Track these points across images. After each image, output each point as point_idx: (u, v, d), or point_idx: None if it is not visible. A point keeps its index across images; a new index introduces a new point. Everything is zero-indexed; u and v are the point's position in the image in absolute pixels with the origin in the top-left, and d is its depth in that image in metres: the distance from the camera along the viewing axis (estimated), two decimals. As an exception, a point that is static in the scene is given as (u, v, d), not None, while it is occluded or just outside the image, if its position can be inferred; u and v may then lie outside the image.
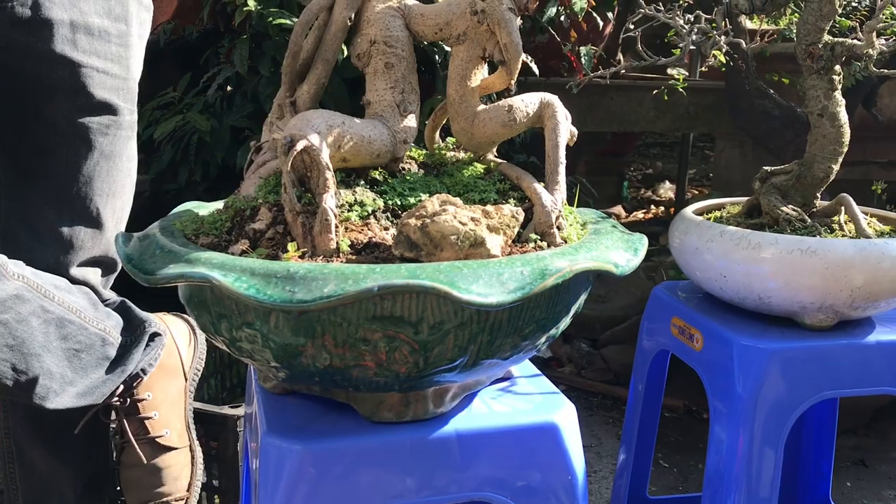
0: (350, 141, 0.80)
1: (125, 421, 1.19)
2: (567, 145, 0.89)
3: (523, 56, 0.88)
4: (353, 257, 0.74)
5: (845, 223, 1.15)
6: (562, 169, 0.86)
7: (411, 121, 0.87)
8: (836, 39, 1.13)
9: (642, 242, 0.84)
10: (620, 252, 0.80)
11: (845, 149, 1.16)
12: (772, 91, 2.18)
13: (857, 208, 1.14)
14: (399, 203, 0.83)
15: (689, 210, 1.26)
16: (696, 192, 5.54)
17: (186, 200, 2.05)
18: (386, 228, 0.81)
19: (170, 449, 1.19)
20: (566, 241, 0.83)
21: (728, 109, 2.44)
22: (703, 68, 1.11)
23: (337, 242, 0.75)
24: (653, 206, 5.37)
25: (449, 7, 0.86)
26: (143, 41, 1.20)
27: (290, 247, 0.74)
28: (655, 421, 1.39)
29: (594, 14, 1.95)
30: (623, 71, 1.17)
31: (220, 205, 0.94)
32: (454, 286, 0.65)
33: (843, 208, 1.15)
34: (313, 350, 0.71)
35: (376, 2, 0.87)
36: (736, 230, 1.10)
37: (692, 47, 1.11)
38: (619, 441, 2.07)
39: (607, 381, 2.43)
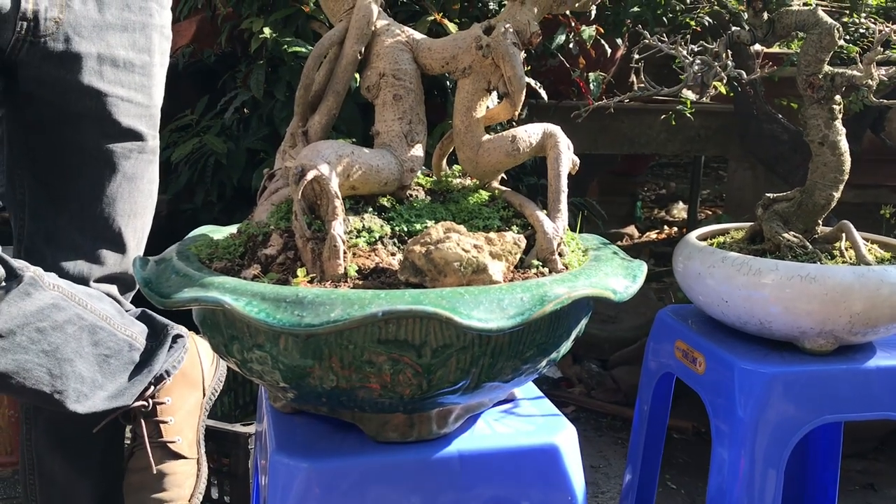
0: (359, 170, 0.83)
1: (142, 421, 1.22)
2: (569, 174, 0.92)
3: (531, 81, 0.91)
4: (361, 282, 0.77)
5: (846, 249, 1.17)
6: (563, 197, 0.89)
7: (418, 150, 0.90)
8: (835, 70, 1.15)
9: (641, 269, 0.87)
10: (619, 279, 0.82)
11: (846, 176, 1.18)
12: (780, 115, 2.20)
13: (857, 235, 1.16)
14: (406, 229, 0.86)
15: (692, 235, 1.28)
16: (709, 213, 5.54)
17: (202, 220, 2.10)
18: (393, 254, 0.84)
19: (179, 457, 1.22)
20: (567, 268, 0.85)
21: (737, 133, 2.46)
22: (706, 98, 1.14)
23: (345, 268, 0.78)
24: (666, 227, 5.38)
25: (455, 42, 0.90)
26: (164, 69, 1.24)
27: (300, 272, 0.77)
28: (661, 442, 1.40)
29: (602, 41, 1.98)
30: (628, 101, 1.19)
31: (233, 229, 0.98)
32: (456, 312, 0.68)
33: (844, 235, 1.17)
34: (320, 371, 0.74)
35: (385, 36, 0.90)
36: (737, 256, 1.12)
37: (695, 77, 1.14)
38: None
39: (617, 401, 2.44)
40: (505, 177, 1.02)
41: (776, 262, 1.09)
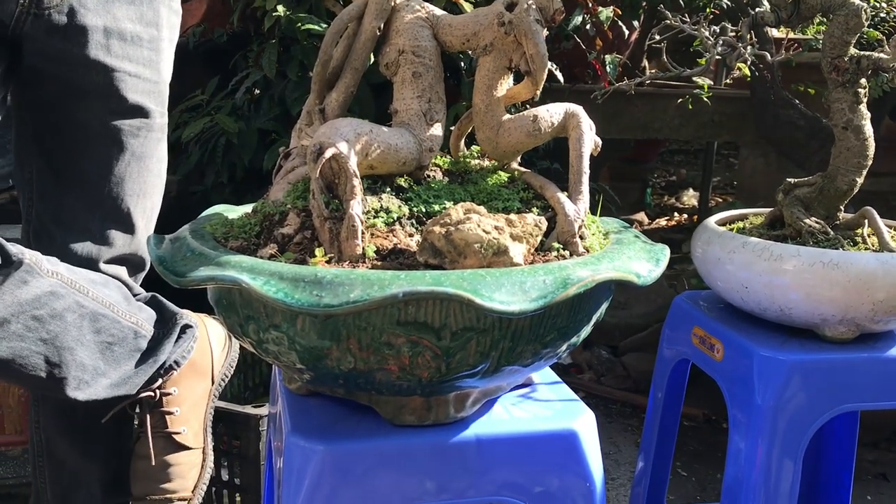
0: (377, 149, 0.81)
1: (147, 413, 1.21)
2: (591, 155, 0.91)
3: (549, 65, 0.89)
4: (379, 263, 0.76)
5: (868, 236, 1.15)
6: (585, 179, 0.87)
7: (437, 129, 0.88)
8: (862, 53, 1.13)
9: (664, 253, 0.85)
10: (643, 262, 0.81)
11: (870, 162, 1.16)
12: (797, 101, 2.17)
13: (880, 221, 1.14)
14: (424, 210, 0.84)
15: (711, 220, 1.26)
16: (720, 200, 5.51)
17: (213, 202, 2.08)
18: (411, 235, 0.82)
19: (183, 448, 1.21)
20: (588, 251, 0.84)
21: (753, 119, 2.43)
22: (727, 80, 1.11)
23: (363, 248, 0.77)
24: (676, 214, 5.36)
25: (476, 18, 0.88)
26: (173, 45, 1.22)
27: (318, 252, 0.75)
28: (674, 429, 1.39)
29: (619, 23, 1.96)
30: (648, 82, 1.17)
31: (248, 208, 0.96)
32: (477, 294, 0.67)
33: (866, 221, 1.15)
34: (338, 353, 0.73)
35: (405, 12, 0.88)
36: (758, 241, 1.11)
37: (717, 58, 1.11)
38: (637, 449, 2.07)
39: (627, 388, 2.43)
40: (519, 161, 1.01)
41: (798, 247, 1.07)
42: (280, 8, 1.65)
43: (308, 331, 0.72)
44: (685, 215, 5.32)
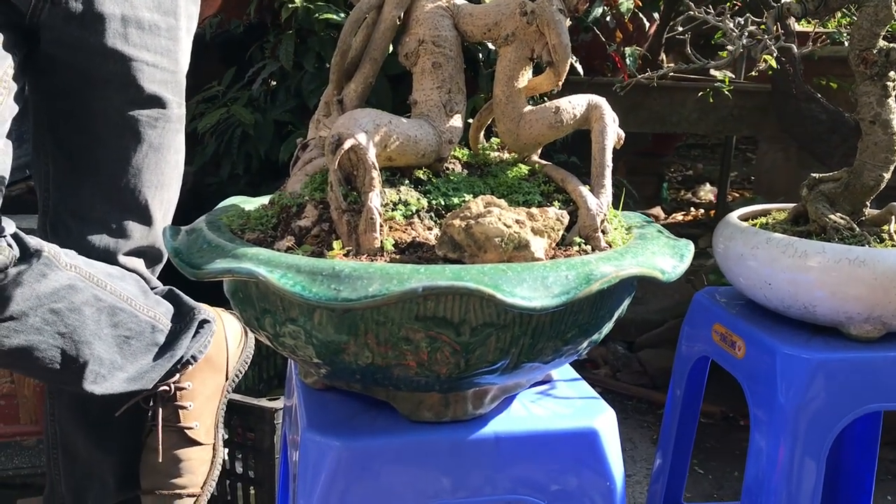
0: (396, 140, 0.80)
1: (160, 406, 1.21)
2: (614, 148, 0.89)
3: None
4: (397, 257, 0.74)
5: (895, 233, 1.12)
6: (608, 172, 0.85)
7: (457, 121, 0.86)
8: (891, 45, 1.11)
9: (688, 248, 0.83)
10: (667, 258, 0.79)
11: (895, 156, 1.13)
12: (819, 95, 2.14)
13: (907, 218, 1.12)
14: (443, 203, 0.83)
15: (733, 215, 1.24)
16: (738, 196, 5.46)
17: (228, 193, 2.08)
18: (430, 228, 0.81)
19: (195, 443, 1.20)
20: (611, 245, 0.82)
21: (773, 114, 2.40)
22: (753, 73, 1.10)
23: (381, 241, 0.75)
24: (692, 209, 5.31)
25: (498, 7, 0.86)
26: (191, 35, 1.21)
27: (336, 245, 0.74)
28: (693, 427, 1.37)
29: (640, 14, 1.93)
30: (670, 75, 1.15)
31: (265, 200, 0.95)
32: (498, 289, 0.65)
33: (893, 217, 1.13)
34: (356, 348, 0.72)
35: (426, 1, 0.87)
36: (782, 237, 1.08)
37: (742, 51, 1.09)
38: (653, 445, 2.05)
39: (643, 384, 2.41)
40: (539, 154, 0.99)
41: (823, 244, 1.05)
42: (297, -1, 1.64)
43: (325, 325, 0.71)
44: (702, 210, 5.28)
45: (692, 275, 3.40)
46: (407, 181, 0.84)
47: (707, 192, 5.70)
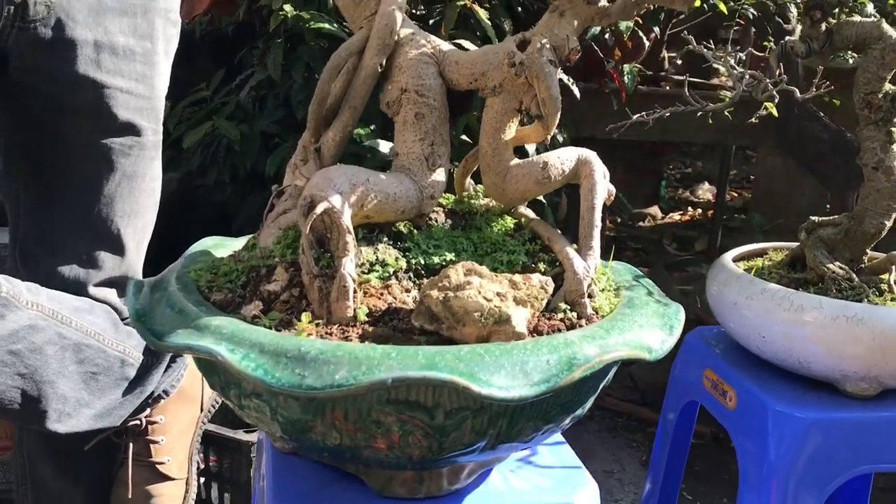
0: (374, 199, 0.76)
1: (130, 440, 1.17)
2: (604, 203, 0.85)
3: (562, 76, 0.83)
4: (370, 329, 0.71)
5: (894, 283, 1.09)
6: (596, 233, 0.81)
7: (440, 174, 0.82)
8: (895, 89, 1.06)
9: (678, 317, 0.79)
10: (655, 330, 0.75)
11: (900, 205, 1.09)
12: (822, 114, 2.09)
13: (909, 270, 1.08)
14: (423, 262, 0.79)
15: (728, 257, 1.20)
16: (736, 195, 5.42)
17: (214, 200, 2.03)
18: (407, 290, 0.77)
19: (166, 478, 1.17)
20: (597, 312, 0.78)
21: (774, 132, 2.36)
22: (754, 119, 1.06)
23: (354, 310, 0.71)
24: (690, 208, 5.27)
25: (485, 56, 0.82)
26: (170, 58, 1.16)
27: (304, 317, 0.70)
28: (683, 458, 1.33)
29: (639, 32, 1.88)
30: (667, 113, 1.11)
31: (239, 244, 0.91)
32: (474, 378, 0.61)
33: (893, 267, 1.09)
34: (323, 428, 0.68)
35: (409, 47, 0.82)
36: (778, 289, 1.04)
37: (743, 92, 1.05)
38: (642, 468, 2.02)
39: (633, 400, 2.38)
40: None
41: (820, 298, 1.01)
42: (287, 7, 1.58)
43: (291, 404, 0.67)
44: (699, 210, 5.24)
45: (687, 283, 3.37)
46: (385, 238, 0.80)
47: (705, 191, 5.65)
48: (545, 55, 0.80)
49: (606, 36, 1.75)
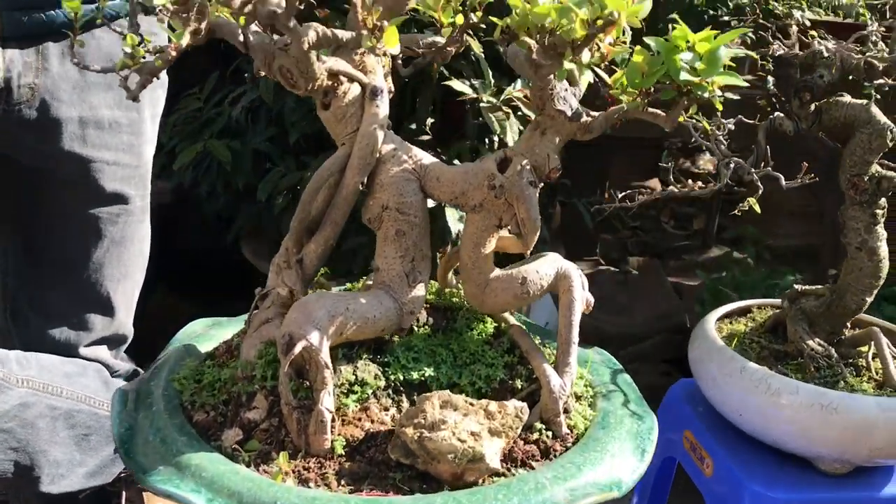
0: (353, 326, 0.77)
1: (123, 487, 1.20)
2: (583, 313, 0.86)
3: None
4: (347, 465, 0.73)
5: (872, 359, 1.10)
6: (574, 349, 0.83)
7: (420, 290, 0.83)
8: (883, 172, 1.07)
9: (651, 437, 0.81)
10: (627, 457, 0.77)
11: (881, 282, 1.10)
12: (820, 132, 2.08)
13: (886, 346, 1.09)
14: (402, 378, 0.81)
15: (712, 320, 1.21)
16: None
17: (207, 210, 2.03)
18: (386, 409, 0.79)
19: None
20: (572, 430, 0.80)
21: (770, 150, 2.34)
22: (737, 212, 1.06)
23: (331, 443, 0.73)
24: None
25: (466, 175, 0.82)
26: (157, 119, 1.16)
27: (282, 457, 0.72)
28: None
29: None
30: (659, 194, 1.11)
31: (228, 333, 0.92)
32: (444, 539, 0.63)
33: (872, 342, 1.11)
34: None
35: (391, 164, 0.82)
36: (757, 370, 1.06)
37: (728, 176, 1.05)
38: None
39: (623, 402, 2.41)
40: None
41: (797, 384, 1.03)
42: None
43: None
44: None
45: (681, 273, 3.38)
46: (365, 354, 0.81)
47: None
48: (525, 177, 0.80)
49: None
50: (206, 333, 0.96)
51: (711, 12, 2.26)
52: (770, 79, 1.27)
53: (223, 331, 0.96)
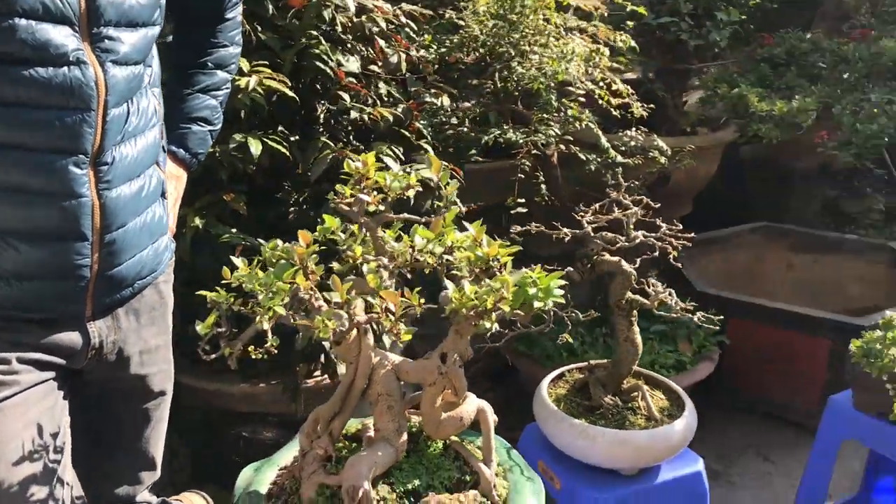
0: (378, 469, 1.30)
1: None
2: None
3: None
4: (395, 550, 1.27)
5: (640, 401, 1.80)
6: (493, 450, 1.41)
7: (404, 437, 1.37)
8: (633, 297, 1.75)
9: (542, 490, 1.42)
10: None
11: (640, 355, 1.80)
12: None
13: (647, 392, 1.79)
14: (402, 489, 1.35)
15: (545, 385, 1.85)
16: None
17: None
18: (399, 510, 1.33)
19: None
20: (500, 497, 1.39)
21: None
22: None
23: (382, 540, 1.27)
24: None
25: (424, 367, 1.36)
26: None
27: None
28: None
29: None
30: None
31: (270, 474, 1.40)
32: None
33: (639, 393, 1.80)
34: None
35: (379, 368, 1.35)
36: (579, 423, 1.71)
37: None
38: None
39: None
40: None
41: (604, 430, 1.70)
42: (196, 220, 1.97)
43: None
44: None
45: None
46: (379, 480, 1.35)
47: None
48: (456, 363, 1.37)
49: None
50: (255, 478, 1.43)
51: None
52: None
53: (264, 475, 1.44)
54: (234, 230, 2.02)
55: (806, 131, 3.03)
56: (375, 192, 1.33)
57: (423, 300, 1.25)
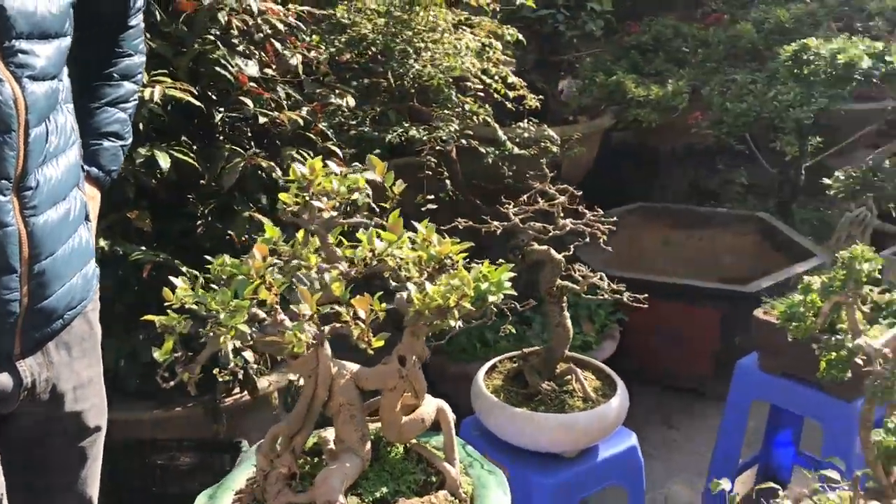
0: (349, 481, 1.27)
1: None
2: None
3: None
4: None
5: (575, 382, 1.85)
6: (457, 448, 1.41)
7: (368, 445, 1.34)
8: (563, 283, 1.79)
9: (505, 482, 1.43)
10: (501, 497, 1.38)
11: (570, 339, 1.85)
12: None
13: (581, 375, 1.85)
14: (371, 499, 1.32)
15: (481, 379, 1.87)
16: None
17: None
18: (370, 519, 1.31)
19: None
20: (467, 494, 1.39)
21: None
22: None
23: (361, 552, 1.24)
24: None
25: (384, 373, 1.34)
26: None
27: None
28: None
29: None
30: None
31: (226, 499, 1.35)
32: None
33: (573, 376, 1.85)
34: None
35: (338, 378, 1.32)
36: (523, 412, 1.74)
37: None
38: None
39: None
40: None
41: (546, 415, 1.73)
42: (101, 241, 1.85)
43: None
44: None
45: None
46: (349, 492, 1.32)
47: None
48: (416, 365, 1.36)
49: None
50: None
51: None
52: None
53: (221, 500, 1.37)
54: (142, 248, 1.92)
55: (680, 113, 3.20)
56: (325, 198, 1.29)
57: (383, 304, 1.23)
